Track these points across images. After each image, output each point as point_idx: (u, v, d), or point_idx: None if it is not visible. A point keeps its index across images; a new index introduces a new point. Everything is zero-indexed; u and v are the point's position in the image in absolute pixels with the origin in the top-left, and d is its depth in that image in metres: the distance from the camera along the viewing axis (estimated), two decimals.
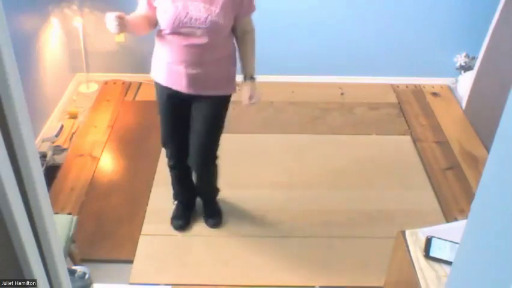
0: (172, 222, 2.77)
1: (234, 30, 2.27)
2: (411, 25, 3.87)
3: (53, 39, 3.65)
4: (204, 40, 2.15)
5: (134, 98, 3.92)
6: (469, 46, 3.90)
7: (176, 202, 2.82)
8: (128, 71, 4.08)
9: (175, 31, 2.15)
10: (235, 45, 2.33)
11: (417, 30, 3.89)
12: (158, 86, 2.39)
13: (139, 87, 4.03)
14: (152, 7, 2.20)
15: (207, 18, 2.10)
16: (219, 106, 2.39)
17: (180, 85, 2.28)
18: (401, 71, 4.09)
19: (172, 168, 2.67)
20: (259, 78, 4.19)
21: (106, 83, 4.07)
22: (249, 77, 2.36)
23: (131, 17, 2.20)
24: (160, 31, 2.25)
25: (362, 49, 3.96)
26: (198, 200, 2.84)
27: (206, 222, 2.78)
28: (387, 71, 4.09)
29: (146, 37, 4.17)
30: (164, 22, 2.15)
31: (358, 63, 4.05)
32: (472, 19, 3.79)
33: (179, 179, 2.72)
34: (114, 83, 4.08)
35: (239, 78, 2.39)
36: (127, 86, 4.04)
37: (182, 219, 2.76)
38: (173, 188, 2.79)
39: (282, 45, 3.92)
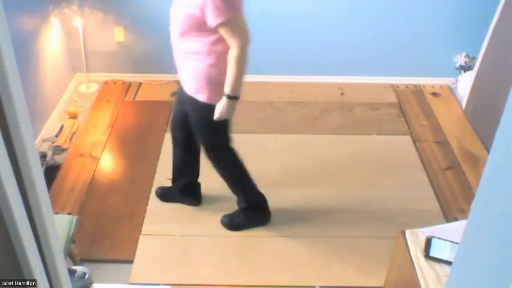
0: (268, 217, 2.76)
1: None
2: (411, 25, 3.87)
3: (53, 39, 3.65)
4: None
5: (134, 98, 3.92)
6: (469, 46, 3.90)
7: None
8: (128, 71, 4.08)
9: None
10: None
11: (417, 30, 3.89)
12: None
13: (139, 87, 4.03)
14: None
15: None
16: None
17: None
18: (401, 71, 4.09)
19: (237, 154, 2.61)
20: (260, 78, 4.20)
21: (106, 83, 4.07)
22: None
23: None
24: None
25: (362, 49, 3.96)
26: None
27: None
28: (387, 71, 4.09)
29: (147, 37, 4.16)
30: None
31: (358, 63, 4.05)
32: (472, 19, 3.79)
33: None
34: (114, 83, 4.08)
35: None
36: (127, 86, 4.04)
37: None
38: (251, 183, 2.69)
39: (282, 45, 3.93)
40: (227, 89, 2.20)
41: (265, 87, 4.03)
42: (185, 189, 2.83)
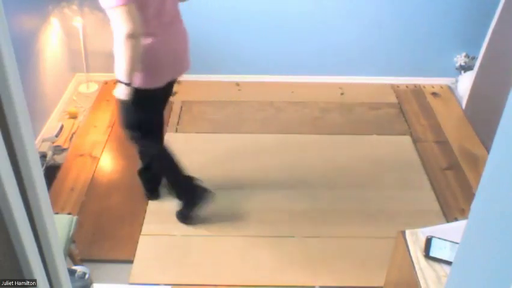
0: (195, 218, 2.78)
1: None
2: (411, 25, 3.87)
3: (53, 39, 3.65)
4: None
5: None
6: (469, 46, 3.90)
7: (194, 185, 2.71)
8: None
9: (156, 11, 2.26)
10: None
11: (417, 30, 3.89)
12: (155, 88, 2.46)
13: None
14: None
15: None
16: None
17: (182, 68, 2.50)
18: (401, 71, 4.09)
19: (165, 151, 2.63)
20: (260, 78, 4.21)
21: (106, 83, 4.07)
22: None
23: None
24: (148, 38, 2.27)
25: (362, 49, 3.96)
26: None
27: None
28: (387, 71, 4.09)
29: None
30: (149, 6, 2.23)
31: (358, 63, 4.05)
32: (472, 19, 3.79)
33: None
34: (114, 83, 4.06)
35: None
36: None
37: None
38: (180, 173, 2.67)
39: (282, 45, 3.93)
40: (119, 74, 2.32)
41: (265, 87, 4.03)
42: (150, 180, 2.91)
